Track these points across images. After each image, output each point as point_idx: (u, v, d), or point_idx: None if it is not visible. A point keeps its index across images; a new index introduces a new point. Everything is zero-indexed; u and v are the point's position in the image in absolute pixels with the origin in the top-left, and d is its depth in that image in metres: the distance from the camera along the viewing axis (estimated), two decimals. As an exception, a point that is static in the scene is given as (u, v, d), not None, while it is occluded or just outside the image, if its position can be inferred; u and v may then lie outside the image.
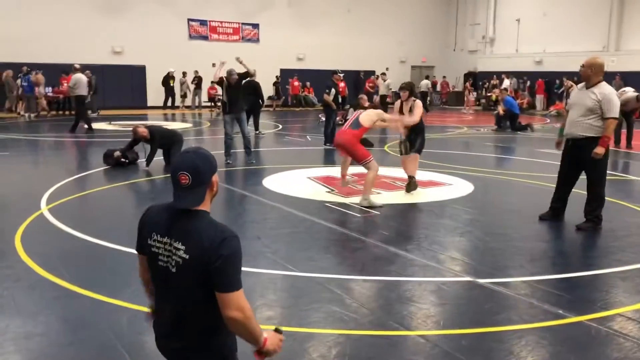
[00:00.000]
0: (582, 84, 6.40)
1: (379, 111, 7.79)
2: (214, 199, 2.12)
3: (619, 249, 5.95)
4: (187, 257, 1.96)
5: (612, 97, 6.05)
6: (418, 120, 7.91)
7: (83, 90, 15.61)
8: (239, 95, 10.35)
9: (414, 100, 8.06)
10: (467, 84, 28.63)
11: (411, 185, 8.10)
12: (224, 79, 10.24)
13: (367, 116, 7.51)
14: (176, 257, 2.00)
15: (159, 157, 10.00)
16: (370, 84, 23.24)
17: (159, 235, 2.06)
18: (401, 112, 8.07)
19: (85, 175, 9.34)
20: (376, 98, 21.22)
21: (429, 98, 27.46)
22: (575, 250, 5.71)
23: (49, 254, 5.30)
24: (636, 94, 12.79)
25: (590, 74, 6.12)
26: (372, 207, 7.16)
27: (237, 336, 2.09)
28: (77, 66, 16.36)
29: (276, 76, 26.49)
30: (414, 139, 8.09)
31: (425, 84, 26.82)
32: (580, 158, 6.28)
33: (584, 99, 6.16)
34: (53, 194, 7.81)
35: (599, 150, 6.08)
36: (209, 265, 1.93)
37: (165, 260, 2.04)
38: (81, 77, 15.69)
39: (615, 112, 6.02)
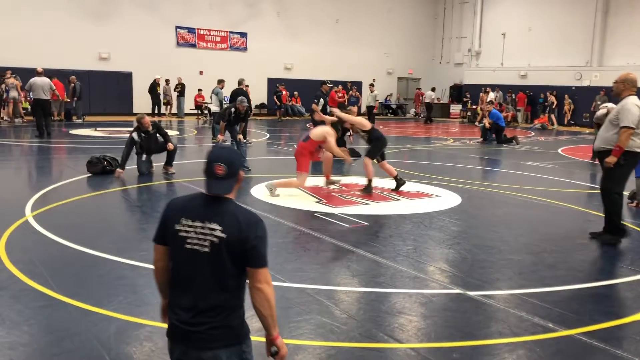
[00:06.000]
0: None
1: (329, 131, 8.64)
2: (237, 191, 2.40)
3: (607, 262, 6.02)
4: (225, 236, 2.21)
5: (629, 106, 6.00)
6: (347, 118, 9.33)
7: (38, 94, 15.34)
8: (238, 121, 10.98)
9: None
10: (483, 95, 27.73)
11: (367, 187, 8.82)
12: (236, 107, 10.75)
13: (318, 132, 8.60)
14: (211, 237, 2.22)
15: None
16: (339, 94, 22.51)
17: (189, 220, 2.27)
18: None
19: (70, 182, 9.22)
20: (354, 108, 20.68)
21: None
22: (564, 263, 5.73)
23: (34, 262, 5.20)
24: (605, 111, 12.60)
25: (623, 89, 6.17)
26: (271, 192, 8.33)
27: (259, 316, 2.30)
28: (39, 70, 16.04)
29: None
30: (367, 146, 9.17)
31: (429, 95, 26.97)
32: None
33: (611, 114, 6.28)
34: (38, 200, 7.70)
35: (610, 159, 6.13)
36: (246, 243, 2.21)
37: (195, 242, 2.25)
38: (35, 81, 15.42)
39: (627, 121, 5.95)
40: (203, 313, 2.25)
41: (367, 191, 8.72)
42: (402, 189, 9.02)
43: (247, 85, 25.48)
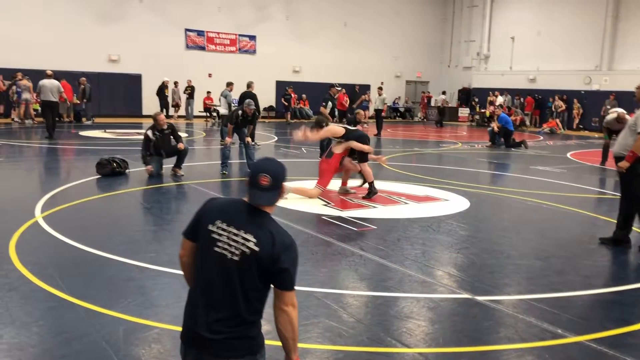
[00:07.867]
0: None
1: (349, 142, 8.73)
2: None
3: (617, 268, 5.98)
4: (258, 249, 2.18)
5: None
6: (317, 138, 9.46)
7: (46, 96, 15.49)
8: (246, 124, 10.85)
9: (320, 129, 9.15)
10: (492, 98, 27.17)
11: (370, 191, 8.74)
12: (243, 109, 10.56)
13: (339, 146, 8.79)
14: (244, 248, 2.19)
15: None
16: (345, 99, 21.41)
17: (224, 224, 2.24)
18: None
19: (80, 184, 9.27)
20: (364, 112, 20.18)
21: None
22: (573, 269, 5.70)
23: (43, 263, 5.23)
24: (615, 115, 12.46)
25: None
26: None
27: (281, 338, 2.31)
28: (49, 72, 16.18)
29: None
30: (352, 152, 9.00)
31: (441, 98, 26.96)
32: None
33: (630, 120, 6.27)
34: (47, 201, 7.74)
35: (622, 164, 6.13)
36: (277, 263, 2.20)
37: (225, 247, 2.22)
38: (44, 83, 15.58)
39: None
40: (222, 321, 2.21)
41: (371, 194, 8.67)
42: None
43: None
